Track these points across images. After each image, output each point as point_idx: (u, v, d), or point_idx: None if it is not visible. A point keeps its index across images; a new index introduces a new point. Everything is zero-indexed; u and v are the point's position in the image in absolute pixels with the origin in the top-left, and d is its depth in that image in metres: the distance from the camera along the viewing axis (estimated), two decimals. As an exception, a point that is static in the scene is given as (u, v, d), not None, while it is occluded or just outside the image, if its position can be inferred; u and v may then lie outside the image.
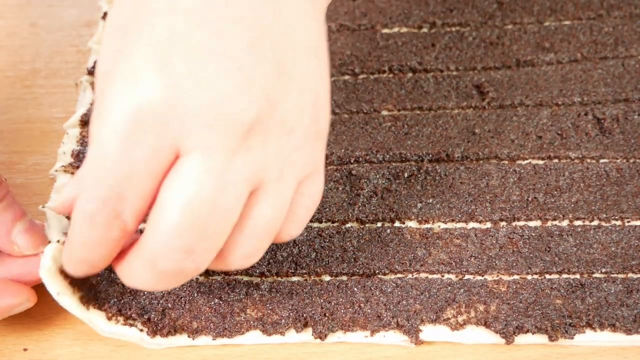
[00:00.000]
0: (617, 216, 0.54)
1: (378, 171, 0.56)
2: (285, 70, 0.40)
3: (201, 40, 0.38)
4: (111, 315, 0.49)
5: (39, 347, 0.49)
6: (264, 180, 0.40)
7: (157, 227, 0.39)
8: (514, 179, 0.56)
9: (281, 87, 0.40)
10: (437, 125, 0.59)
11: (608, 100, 0.60)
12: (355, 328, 0.49)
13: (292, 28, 0.41)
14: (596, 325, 0.49)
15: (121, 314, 0.49)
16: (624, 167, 0.56)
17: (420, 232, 0.53)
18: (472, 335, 0.49)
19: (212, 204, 0.39)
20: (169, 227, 0.39)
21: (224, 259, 0.42)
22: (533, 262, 0.52)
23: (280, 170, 0.41)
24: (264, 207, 0.41)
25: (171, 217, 0.38)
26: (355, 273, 0.51)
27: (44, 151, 0.60)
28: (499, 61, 0.63)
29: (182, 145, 0.38)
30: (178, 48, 0.38)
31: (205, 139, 0.38)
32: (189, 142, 0.38)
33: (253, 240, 0.42)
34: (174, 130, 0.38)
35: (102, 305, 0.49)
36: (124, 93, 0.38)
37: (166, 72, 0.38)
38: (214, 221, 0.39)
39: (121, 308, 0.49)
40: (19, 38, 0.68)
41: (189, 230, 0.39)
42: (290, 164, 0.41)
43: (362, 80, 0.62)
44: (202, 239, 0.39)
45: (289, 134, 0.40)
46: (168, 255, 0.39)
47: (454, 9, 0.67)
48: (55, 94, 0.64)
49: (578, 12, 0.67)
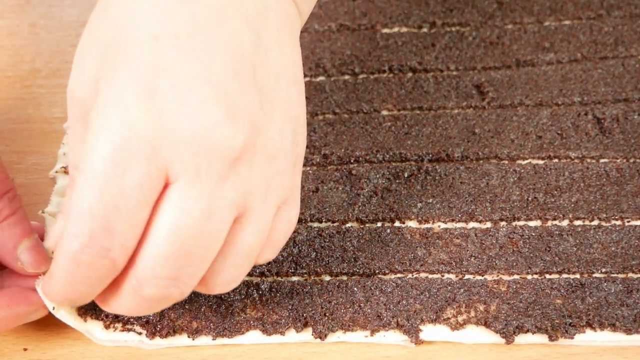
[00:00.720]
0: (617, 216, 0.54)
1: (378, 171, 0.56)
2: (268, 97, 0.41)
3: (187, 68, 0.39)
4: (109, 323, 0.49)
5: (39, 347, 0.49)
6: (249, 206, 0.41)
7: (143, 254, 0.39)
8: (514, 179, 0.56)
9: (265, 114, 0.40)
10: (437, 125, 0.59)
11: (608, 100, 0.60)
12: (355, 328, 0.49)
13: (272, 54, 0.42)
14: (596, 325, 0.49)
15: (119, 321, 0.49)
16: (624, 167, 0.56)
17: (420, 232, 0.53)
18: (472, 335, 0.49)
19: (199, 231, 0.39)
20: (156, 255, 0.39)
21: (207, 284, 0.42)
22: (533, 262, 0.52)
23: (265, 195, 0.41)
24: (248, 234, 0.41)
25: (157, 244, 0.39)
26: (355, 273, 0.51)
27: (44, 151, 0.60)
28: (499, 61, 0.63)
29: (171, 172, 0.38)
30: (164, 76, 0.38)
31: (193, 166, 0.38)
32: (178, 169, 0.38)
33: (236, 266, 0.42)
34: (162, 158, 0.38)
35: (99, 314, 0.49)
36: (110, 122, 0.38)
37: (153, 100, 0.38)
38: (200, 248, 0.39)
39: (118, 315, 0.49)
40: (19, 38, 0.68)
41: (175, 257, 0.39)
42: (273, 189, 0.41)
43: (362, 80, 0.62)
44: (188, 266, 0.39)
45: (273, 160, 0.41)
46: (153, 282, 0.39)
47: (454, 9, 0.67)
48: (55, 94, 0.64)
49: (578, 12, 0.67)
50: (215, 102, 0.39)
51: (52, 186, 0.57)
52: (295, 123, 0.43)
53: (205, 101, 0.38)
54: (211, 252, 0.40)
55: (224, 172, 0.39)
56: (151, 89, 0.38)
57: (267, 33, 0.42)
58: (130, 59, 0.39)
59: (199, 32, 0.39)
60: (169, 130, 0.38)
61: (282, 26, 0.43)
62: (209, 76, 0.39)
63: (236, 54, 0.40)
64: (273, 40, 0.42)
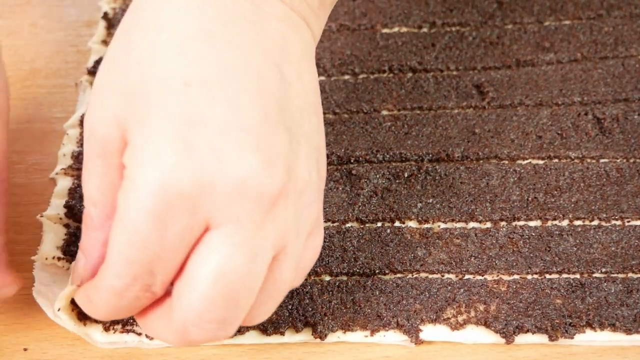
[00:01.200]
0: (617, 216, 0.54)
1: (378, 171, 0.56)
2: (295, 134, 0.41)
3: (220, 115, 0.39)
4: (108, 325, 0.49)
5: (39, 347, 0.49)
6: (285, 244, 0.41)
7: (188, 299, 0.39)
8: (514, 179, 0.56)
9: (294, 152, 0.41)
10: (437, 125, 0.59)
11: (608, 100, 0.60)
12: (355, 328, 0.49)
13: (294, 87, 0.42)
14: (596, 325, 0.49)
15: (118, 322, 0.49)
16: (624, 166, 0.56)
17: (420, 232, 0.53)
18: (472, 335, 0.49)
19: (243, 275, 0.39)
20: (202, 300, 0.39)
21: (245, 319, 0.42)
22: (533, 262, 0.52)
23: (297, 230, 0.42)
24: (285, 269, 0.42)
25: (203, 290, 0.39)
26: (355, 273, 0.51)
27: (44, 151, 0.60)
28: (499, 61, 0.63)
29: (212, 220, 0.39)
30: (199, 127, 0.39)
31: (234, 214, 0.39)
32: (219, 218, 0.39)
33: (273, 299, 0.43)
34: (203, 209, 0.39)
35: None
36: (149, 176, 0.38)
37: (190, 153, 0.38)
38: (244, 291, 0.40)
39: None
40: (19, 38, 0.68)
41: (222, 302, 0.39)
42: (303, 222, 0.42)
43: (362, 80, 0.62)
44: (234, 309, 0.40)
45: (302, 195, 0.41)
46: (201, 326, 0.40)
47: (454, 9, 0.67)
48: (55, 94, 0.64)
49: (578, 12, 0.67)
50: (250, 150, 0.39)
51: (52, 187, 0.57)
52: (318, 153, 0.43)
53: (241, 150, 0.39)
54: (254, 292, 0.41)
55: (263, 217, 0.39)
56: (187, 141, 0.38)
57: (289, 66, 0.42)
58: (161, 108, 0.39)
59: (227, 76, 0.40)
60: (208, 183, 0.38)
61: (301, 56, 0.43)
62: (241, 123, 0.39)
63: (264, 95, 0.40)
64: (294, 72, 0.42)
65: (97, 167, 0.41)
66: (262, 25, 0.42)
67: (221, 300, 0.39)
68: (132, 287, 0.40)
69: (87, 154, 0.42)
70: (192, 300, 0.39)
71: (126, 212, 0.39)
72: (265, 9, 0.42)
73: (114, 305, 0.41)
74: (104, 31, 0.66)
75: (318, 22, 0.46)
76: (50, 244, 0.52)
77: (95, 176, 0.42)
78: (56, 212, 0.54)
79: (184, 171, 0.38)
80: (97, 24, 0.68)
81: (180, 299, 0.40)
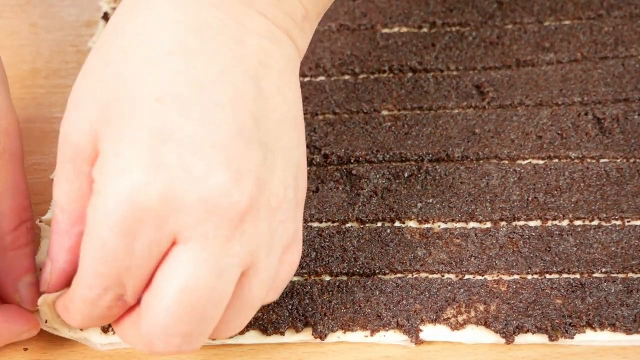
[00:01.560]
0: (617, 216, 0.54)
1: (378, 171, 0.56)
2: (270, 149, 0.41)
3: (190, 131, 0.39)
4: (106, 327, 0.49)
5: (39, 347, 0.49)
6: (255, 260, 0.41)
7: (154, 313, 0.40)
8: (514, 179, 0.56)
9: (268, 168, 0.41)
10: (437, 125, 0.59)
11: (608, 100, 0.60)
12: (355, 328, 0.49)
13: (273, 102, 0.42)
14: (596, 325, 0.49)
15: None
16: (624, 166, 0.56)
17: (420, 232, 0.53)
18: (472, 335, 0.49)
19: (209, 290, 0.39)
20: (166, 315, 0.39)
21: (214, 333, 0.43)
22: (533, 262, 0.52)
23: (269, 247, 0.41)
24: (254, 285, 0.42)
25: (168, 305, 0.39)
26: (355, 273, 0.51)
27: (44, 151, 0.60)
28: (499, 61, 0.63)
29: (179, 235, 0.39)
30: (170, 144, 0.39)
31: (201, 230, 0.39)
32: (185, 233, 0.39)
33: (243, 314, 0.43)
34: (170, 224, 0.39)
35: None
36: (117, 192, 0.39)
37: (159, 170, 0.38)
38: (210, 306, 0.40)
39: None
40: (19, 38, 0.68)
41: (187, 317, 0.40)
42: (277, 239, 0.42)
43: (362, 80, 0.62)
44: (199, 324, 0.40)
45: (276, 211, 0.41)
46: (165, 340, 0.40)
47: (454, 9, 0.67)
48: (55, 94, 0.64)
49: (578, 12, 0.67)
50: (220, 166, 0.39)
51: (52, 187, 0.56)
52: (296, 169, 0.43)
53: (210, 166, 0.39)
54: (220, 308, 0.41)
55: (230, 233, 0.39)
56: (156, 156, 0.38)
57: (268, 80, 0.42)
58: (132, 123, 0.39)
59: (201, 92, 0.40)
60: (177, 200, 0.38)
61: (282, 70, 0.43)
62: (212, 138, 0.39)
63: (238, 110, 0.40)
64: (274, 87, 0.42)
65: (67, 172, 0.42)
66: (242, 40, 0.42)
67: (186, 315, 0.39)
68: (104, 297, 0.41)
69: (59, 158, 0.42)
70: (157, 314, 0.40)
71: (94, 226, 0.39)
72: (247, 24, 0.42)
73: (88, 314, 0.42)
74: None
75: (302, 35, 0.46)
76: (46, 251, 0.52)
77: (65, 181, 0.42)
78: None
79: (151, 186, 0.38)
80: (97, 24, 0.68)
81: (147, 311, 0.40)
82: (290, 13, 0.44)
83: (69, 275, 0.44)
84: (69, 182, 0.42)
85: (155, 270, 0.40)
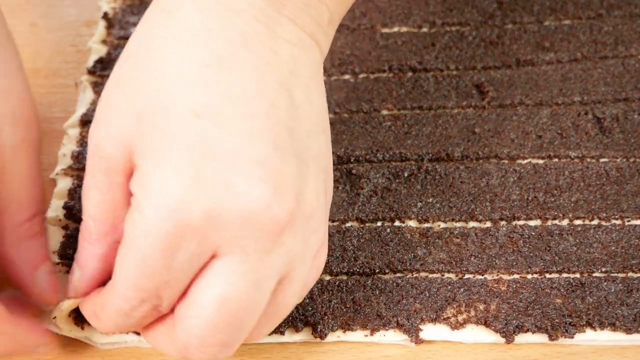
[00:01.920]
0: (617, 215, 0.54)
1: (378, 170, 0.56)
2: (304, 159, 0.41)
3: (229, 145, 0.39)
4: None
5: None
6: (290, 269, 0.41)
7: (191, 323, 0.40)
8: (514, 179, 0.56)
9: (302, 179, 0.41)
10: (437, 124, 0.59)
11: (608, 100, 0.60)
12: (355, 327, 0.49)
13: (303, 110, 0.42)
14: (596, 325, 0.49)
15: None
16: (624, 166, 0.56)
17: (420, 232, 0.53)
18: (472, 335, 0.49)
19: (247, 302, 0.40)
20: (204, 326, 0.40)
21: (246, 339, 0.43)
22: (533, 261, 0.52)
23: (303, 255, 0.42)
24: (289, 294, 0.42)
25: (206, 316, 0.40)
26: (355, 272, 0.51)
27: (44, 151, 0.59)
28: (499, 61, 0.63)
29: (219, 249, 0.39)
30: (210, 157, 0.39)
31: (241, 244, 0.39)
32: (225, 247, 0.39)
33: (274, 321, 0.43)
34: (211, 239, 0.39)
35: None
36: (159, 210, 0.38)
37: (202, 184, 0.38)
38: (247, 317, 0.40)
39: None
40: (19, 38, 0.68)
41: (224, 327, 0.40)
42: (310, 247, 0.42)
43: (362, 80, 0.62)
44: (236, 333, 0.41)
45: (309, 220, 0.41)
46: (202, 349, 0.41)
47: (454, 9, 0.67)
48: (55, 94, 0.64)
49: (578, 12, 0.67)
50: (259, 180, 0.39)
51: (52, 187, 0.57)
52: (325, 174, 0.43)
53: (250, 180, 0.39)
54: (256, 317, 0.41)
55: (270, 247, 0.40)
56: (196, 172, 0.38)
57: (298, 89, 0.42)
58: (171, 138, 0.39)
59: (237, 104, 0.40)
60: (217, 215, 0.39)
61: (309, 77, 0.43)
62: (251, 152, 0.39)
63: (274, 123, 0.40)
64: (303, 95, 0.42)
65: (99, 182, 0.42)
66: (274, 49, 0.41)
67: (223, 326, 0.40)
68: (139, 308, 0.41)
69: (89, 168, 0.42)
70: (195, 324, 0.40)
71: (134, 241, 0.39)
72: (279, 32, 0.42)
73: (122, 323, 0.42)
74: (104, 31, 0.66)
75: (326, 38, 0.46)
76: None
77: (96, 192, 0.42)
78: (55, 214, 0.54)
79: (193, 203, 0.38)
80: (97, 24, 0.67)
81: (183, 322, 0.40)
82: (317, 18, 0.44)
83: (98, 283, 0.44)
84: (101, 193, 0.42)
85: (193, 281, 0.40)
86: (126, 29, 0.66)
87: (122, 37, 0.66)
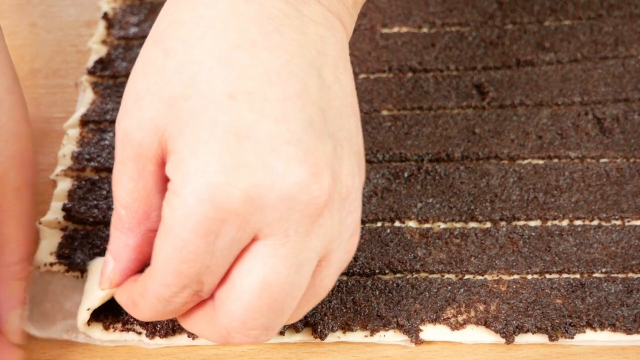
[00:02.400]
0: (617, 216, 0.54)
1: (378, 171, 0.56)
2: (337, 139, 0.41)
3: (265, 128, 0.39)
4: (108, 324, 0.49)
5: (39, 347, 0.49)
6: (329, 250, 0.41)
7: (233, 308, 0.40)
8: (514, 179, 0.56)
9: (338, 159, 0.41)
10: (437, 125, 0.59)
11: (608, 100, 0.60)
12: (355, 328, 0.49)
13: (334, 90, 0.42)
14: (596, 325, 0.49)
15: (118, 321, 0.49)
16: (624, 166, 0.56)
17: (420, 232, 0.53)
18: (472, 335, 0.49)
19: (288, 285, 0.40)
20: (246, 309, 0.40)
21: None
22: (533, 262, 0.52)
23: (340, 237, 0.42)
24: (327, 275, 0.42)
25: (248, 299, 0.39)
26: (355, 273, 0.51)
27: (44, 151, 0.60)
28: (499, 61, 0.63)
29: (259, 232, 0.39)
30: (247, 139, 0.38)
31: (282, 226, 0.39)
32: (266, 230, 0.39)
33: (311, 303, 0.43)
34: (251, 223, 0.39)
35: (97, 316, 0.49)
36: (198, 193, 0.38)
37: (240, 167, 0.38)
38: (288, 300, 0.40)
39: (117, 315, 0.49)
40: (19, 38, 0.68)
41: (266, 311, 0.40)
42: (346, 228, 0.42)
43: (362, 80, 0.62)
44: (277, 317, 0.40)
45: (345, 201, 0.41)
46: (244, 332, 0.40)
47: (454, 9, 0.67)
48: (55, 94, 0.64)
49: (578, 12, 0.67)
50: (298, 163, 0.39)
51: (52, 187, 0.57)
52: (358, 157, 0.43)
53: (289, 164, 0.39)
54: (297, 300, 0.41)
55: (310, 228, 0.40)
56: (234, 155, 0.38)
57: (327, 69, 0.42)
58: (207, 121, 0.39)
59: (271, 87, 0.39)
60: (259, 199, 0.38)
61: (337, 57, 0.43)
62: (288, 135, 0.39)
63: (307, 103, 0.40)
64: (332, 75, 0.42)
65: (130, 171, 0.41)
66: (302, 30, 0.41)
67: (265, 309, 0.40)
68: (180, 294, 0.40)
69: (119, 156, 0.42)
70: (237, 309, 0.40)
71: (174, 227, 0.39)
72: (305, 12, 0.42)
73: (162, 309, 0.42)
74: (104, 31, 0.66)
75: (351, 20, 0.46)
76: (43, 252, 0.52)
77: (127, 180, 0.41)
78: (54, 216, 0.54)
79: (232, 187, 0.38)
80: (97, 24, 0.68)
81: (225, 306, 0.40)
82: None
83: (132, 273, 0.44)
84: (132, 181, 0.41)
85: (233, 265, 0.40)
86: (126, 29, 0.66)
87: (122, 38, 0.66)
